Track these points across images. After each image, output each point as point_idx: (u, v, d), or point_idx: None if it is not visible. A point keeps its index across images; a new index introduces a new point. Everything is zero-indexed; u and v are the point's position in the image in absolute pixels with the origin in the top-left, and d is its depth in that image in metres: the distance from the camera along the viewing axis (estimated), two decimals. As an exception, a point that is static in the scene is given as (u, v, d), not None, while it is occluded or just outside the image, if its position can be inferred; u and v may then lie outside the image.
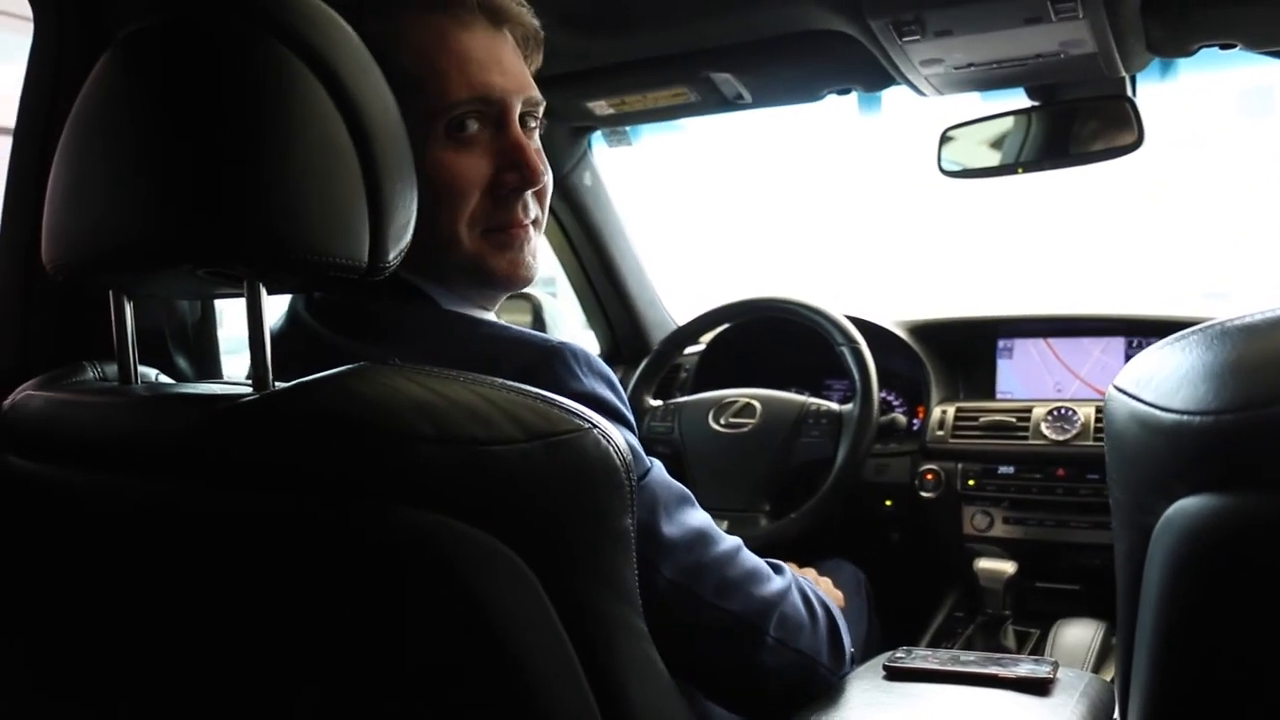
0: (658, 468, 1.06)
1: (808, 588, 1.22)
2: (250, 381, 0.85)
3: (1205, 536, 0.63)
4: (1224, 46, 1.60)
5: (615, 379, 1.07)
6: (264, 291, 0.85)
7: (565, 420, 0.82)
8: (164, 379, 1.10)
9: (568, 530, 0.82)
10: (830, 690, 1.21)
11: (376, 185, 0.85)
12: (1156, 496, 0.66)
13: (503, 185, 1.11)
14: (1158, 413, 0.66)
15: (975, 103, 1.94)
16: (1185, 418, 0.64)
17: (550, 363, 1.01)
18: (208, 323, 1.35)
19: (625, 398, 1.07)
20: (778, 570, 1.18)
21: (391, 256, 0.88)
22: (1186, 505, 0.64)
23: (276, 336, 1.09)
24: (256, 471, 0.80)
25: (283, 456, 0.79)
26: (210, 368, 1.35)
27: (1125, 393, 0.71)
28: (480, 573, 0.78)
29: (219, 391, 0.86)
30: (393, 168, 0.87)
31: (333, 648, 0.81)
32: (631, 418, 1.07)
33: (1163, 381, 0.67)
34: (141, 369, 0.99)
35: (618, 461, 0.83)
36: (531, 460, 0.79)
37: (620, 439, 0.85)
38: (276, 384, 0.84)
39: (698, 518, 1.08)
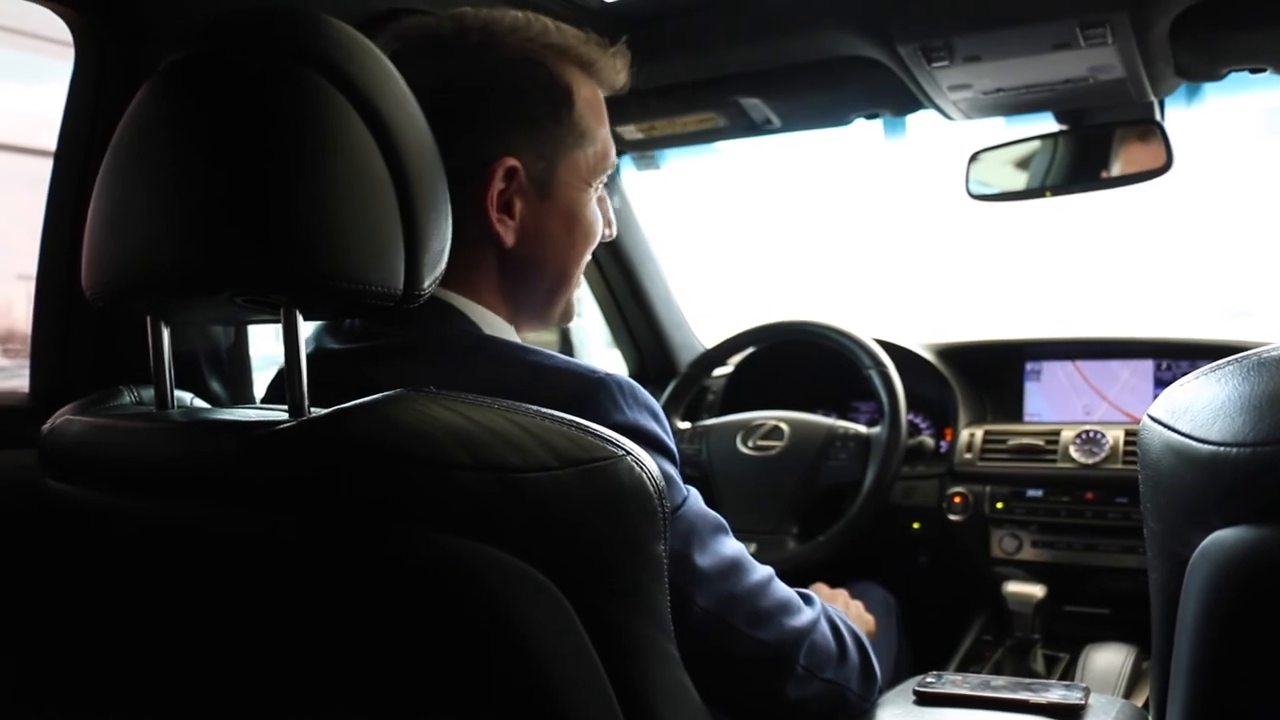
0: (694, 496, 1.07)
1: (837, 617, 1.22)
2: (285, 408, 0.86)
3: (1243, 568, 0.63)
4: (1254, 70, 1.60)
5: (659, 410, 1.08)
6: (300, 318, 0.86)
7: (599, 447, 0.82)
8: (199, 403, 1.11)
9: (601, 556, 0.82)
10: (861, 717, 1.21)
11: (412, 214, 0.86)
12: (1193, 527, 0.66)
13: (600, 237, 1.22)
14: (1194, 444, 0.66)
15: (1000, 126, 1.94)
16: (1222, 449, 0.63)
17: (595, 394, 1.02)
18: (241, 347, 1.36)
19: (669, 429, 1.08)
20: (808, 600, 1.19)
21: (426, 284, 0.88)
22: (1223, 536, 0.63)
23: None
24: (294, 497, 0.81)
25: (320, 483, 0.80)
26: (243, 392, 1.36)
27: (1161, 423, 0.71)
28: (514, 598, 0.78)
29: (256, 418, 0.86)
30: (427, 197, 0.88)
31: (367, 671, 0.81)
32: (675, 449, 1.08)
33: (1199, 412, 0.67)
34: (177, 393, 1.00)
35: (651, 489, 0.83)
36: (565, 487, 0.80)
37: (653, 466, 0.85)
38: (313, 410, 0.85)
39: (732, 547, 1.09)
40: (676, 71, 1.23)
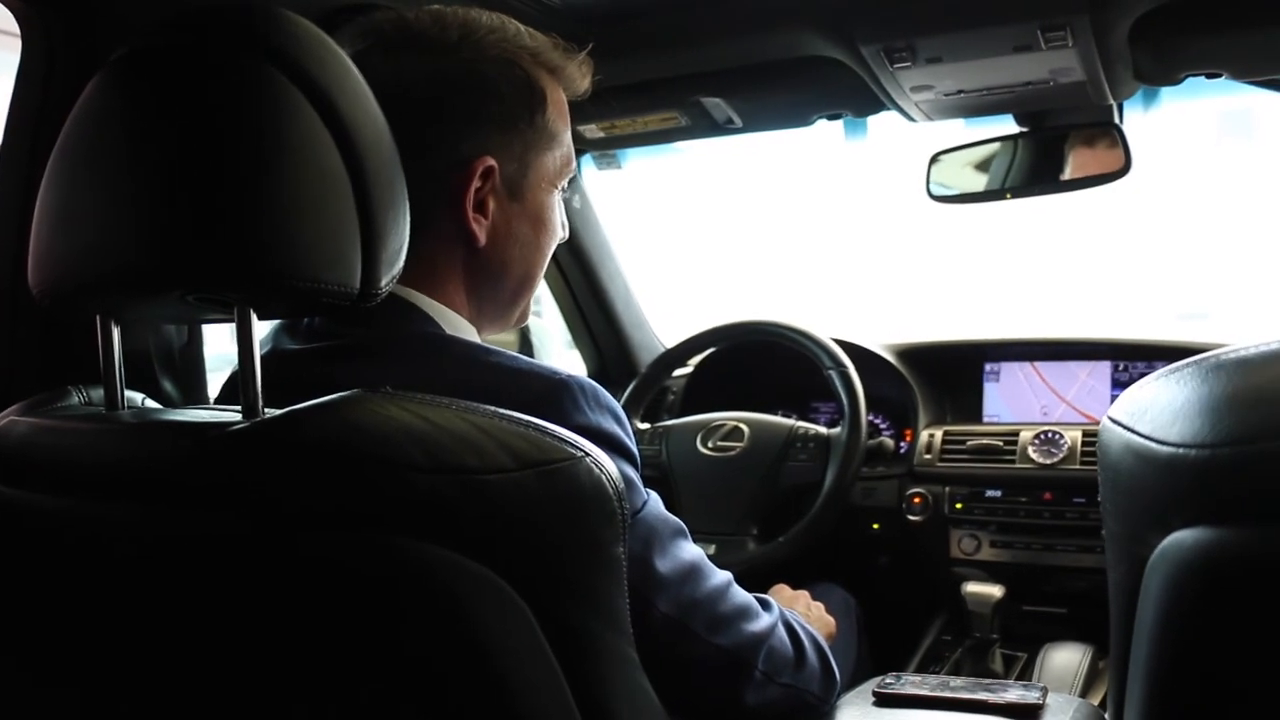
0: (654, 500, 1.07)
1: (795, 621, 1.23)
2: (239, 408, 0.85)
3: (1201, 569, 0.63)
4: (1210, 75, 1.62)
5: (621, 412, 1.08)
6: (254, 318, 0.85)
7: (558, 449, 0.82)
8: (150, 404, 1.09)
9: (560, 559, 0.81)
10: (820, 718, 1.21)
11: (369, 212, 0.85)
12: (1151, 528, 0.66)
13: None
14: (1153, 445, 0.66)
15: (961, 129, 1.95)
16: (1181, 451, 0.64)
17: (558, 396, 1.02)
18: (194, 346, 1.34)
19: (630, 432, 1.08)
20: (766, 605, 1.19)
21: (383, 283, 0.87)
22: (1182, 538, 0.64)
23: (262, 361, 1.09)
24: (247, 500, 0.80)
25: (273, 485, 0.79)
26: (197, 392, 1.34)
27: (1120, 424, 0.71)
28: (471, 601, 0.77)
29: (208, 418, 0.85)
30: (386, 195, 0.87)
31: (323, 675, 0.80)
32: (636, 452, 1.08)
33: (1159, 414, 0.67)
34: (127, 393, 0.98)
35: (610, 490, 0.83)
36: (524, 489, 0.79)
37: (613, 468, 0.84)
38: (267, 411, 0.83)
39: (691, 552, 1.09)
40: (638, 70, 1.23)
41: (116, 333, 0.94)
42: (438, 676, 0.78)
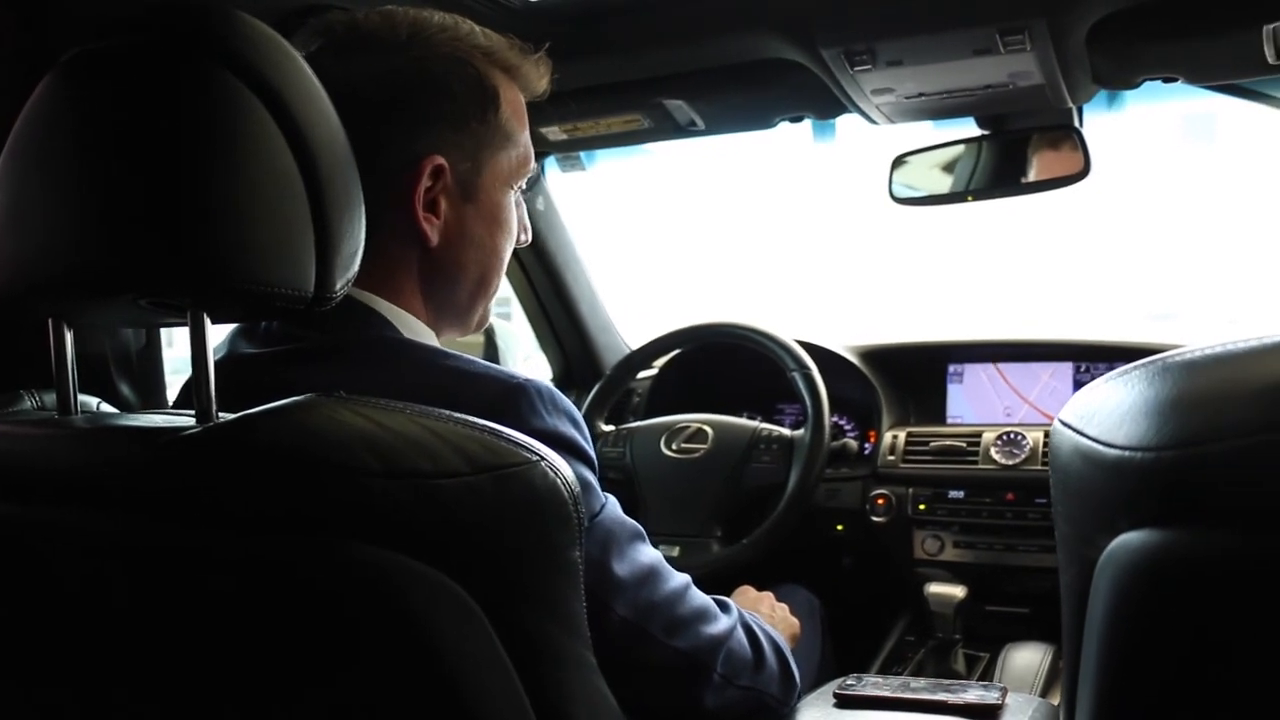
0: (612, 504, 1.07)
1: (754, 622, 1.23)
2: (192, 412, 0.84)
3: (1147, 570, 0.63)
4: (1166, 80, 1.63)
5: (579, 416, 1.08)
6: (208, 321, 0.84)
7: (512, 453, 0.81)
8: (106, 408, 1.08)
9: (515, 564, 0.81)
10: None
11: (324, 215, 0.84)
12: (1100, 530, 0.67)
13: (515, 241, 1.22)
14: (1101, 448, 0.67)
15: (928, 131, 1.95)
16: (1128, 453, 0.64)
17: (516, 400, 1.01)
18: (153, 349, 1.33)
19: (588, 435, 1.08)
20: (724, 608, 1.19)
21: (338, 286, 0.87)
22: (1129, 539, 0.64)
23: (218, 365, 1.08)
24: (200, 505, 0.79)
25: (226, 490, 0.78)
26: (155, 396, 1.33)
27: (1070, 427, 0.72)
28: (426, 607, 0.77)
29: (161, 423, 0.84)
30: (340, 197, 0.86)
31: (276, 682, 0.80)
32: (594, 456, 1.08)
33: (1106, 416, 0.68)
34: (82, 398, 0.97)
35: (566, 494, 0.83)
36: (478, 493, 0.79)
37: (568, 472, 0.84)
38: (221, 415, 0.83)
39: (649, 555, 1.09)
40: (600, 73, 1.23)
41: (69, 336, 0.93)
42: (392, 682, 0.78)
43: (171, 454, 0.80)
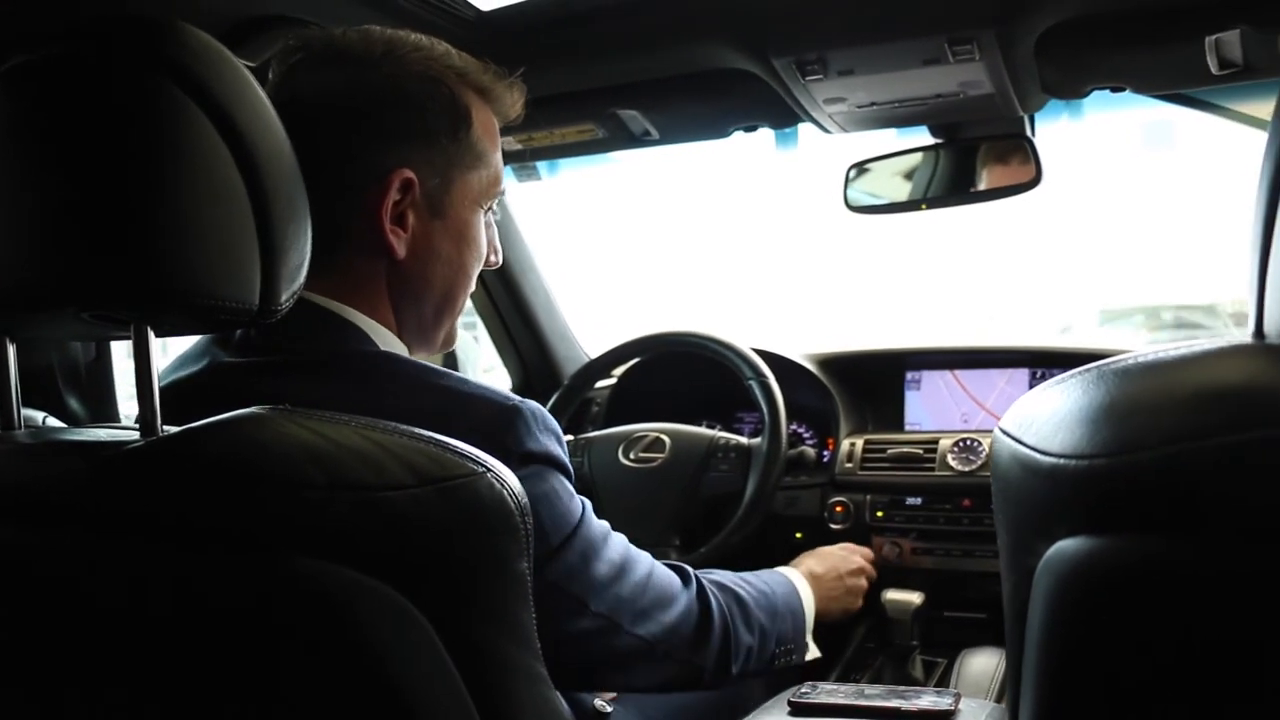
0: (588, 507, 1.14)
1: (711, 593, 1.30)
2: (137, 426, 0.84)
3: (1081, 577, 0.64)
4: (1114, 89, 1.65)
5: (560, 433, 1.13)
6: (151, 335, 0.84)
7: (458, 464, 0.82)
8: (53, 421, 1.07)
9: (462, 575, 0.81)
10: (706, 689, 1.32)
11: (269, 228, 0.84)
12: (1037, 538, 0.67)
13: (485, 262, 1.25)
14: (1037, 456, 0.67)
15: (892, 138, 1.96)
16: (1062, 461, 0.65)
17: (510, 421, 1.06)
18: (103, 362, 1.32)
19: (566, 450, 1.14)
20: (684, 580, 1.27)
21: (284, 299, 0.87)
22: (1064, 547, 0.65)
23: (195, 376, 1.08)
24: (143, 521, 0.79)
25: (169, 505, 0.78)
26: (105, 409, 1.32)
27: (1009, 435, 0.72)
28: (373, 621, 0.77)
29: (104, 438, 0.84)
30: (285, 210, 0.86)
31: (221, 698, 0.79)
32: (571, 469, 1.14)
33: (1043, 425, 0.68)
34: (28, 412, 0.97)
35: (512, 505, 0.83)
36: (424, 505, 0.79)
37: (515, 484, 0.84)
38: (165, 429, 0.82)
39: (619, 550, 1.17)
40: (554, 83, 1.23)
41: (11, 350, 0.92)
42: (339, 696, 0.78)
43: (113, 468, 0.79)
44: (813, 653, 1.56)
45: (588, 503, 1.15)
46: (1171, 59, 1.52)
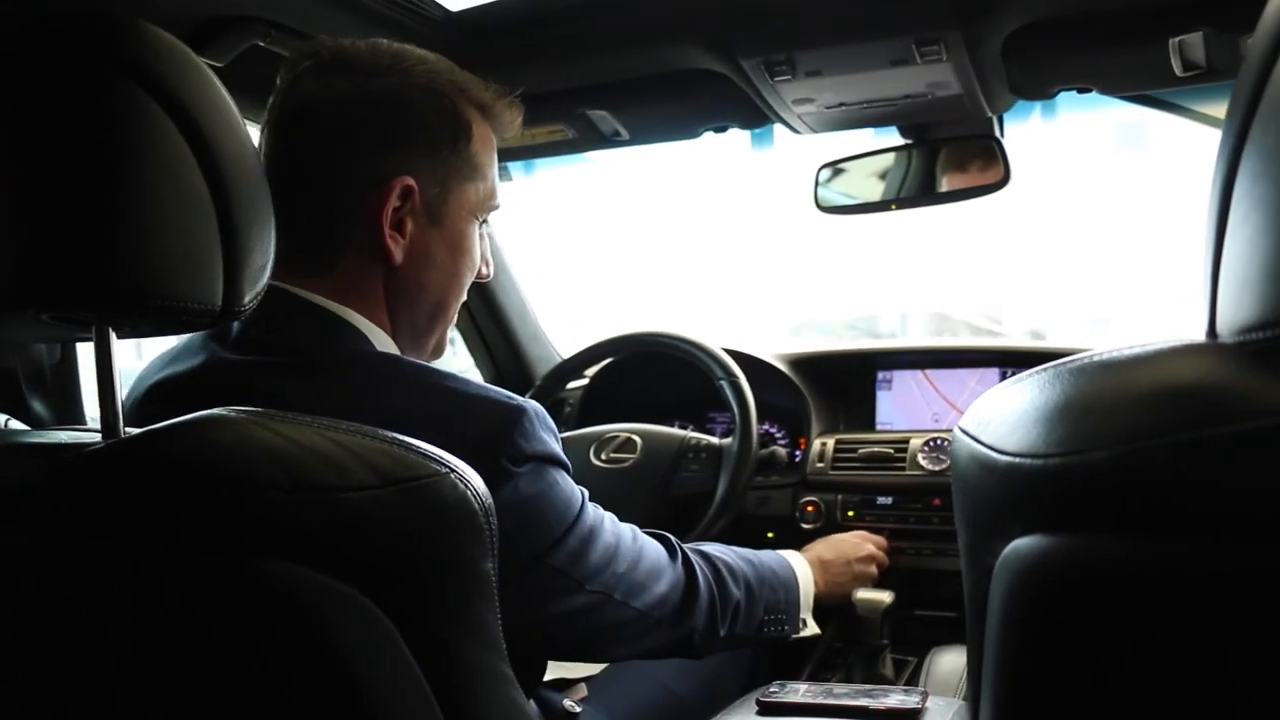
0: (586, 496, 1.19)
1: (696, 564, 1.36)
2: (100, 429, 0.83)
3: (1036, 576, 0.64)
4: (1081, 90, 1.66)
5: (557, 430, 1.16)
6: (113, 336, 0.84)
7: (422, 465, 0.81)
8: (15, 424, 1.06)
9: (426, 576, 0.81)
10: (702, 653, 1.38)
11: (232, 229, 0.84)
12: (995, 536, 0.68)
13: (478, 274, 1.28)
14: (994, 455, 0.68)
15: (869, 138, 1.97)
16: (1018, 460, 0.65)
17: (516, 421, 1.08)
18: (68, 364, 1.31)
19: None
20: (670, 552, 1.33)
21: (247, 300, 0.86)
22: (1020, 546, 0.65)
23: (194, 371, 1.08)
24: (105, 523, 0.78)
25: (131, 507, 0.78)
26: (71, 410, 1.32)
27: (968, 434, 0.73)
28: (336, 621, 0.77)
29: (66, 439, 0.84)
30: (249, 211, 0.86)
31: (185, 701, 0.79)
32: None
33: (1000, 424, 0.69)
34: None
35: (476, 506, 0.83)
36: (387, 506, 0.79)
37: (479, 484, 0.84)
38: (127, 431, 0.82)
39: (613, 530, 1.22)
40: (522, 83, 1.23)
41: None
42: (303, 698, 0.77)
43: (74, 471, 0.79)
44: (811, 629, 1.60)
45: (585, 491, 1.19)
46: (1136, 61, 1.53)
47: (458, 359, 2.65)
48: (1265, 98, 0.56)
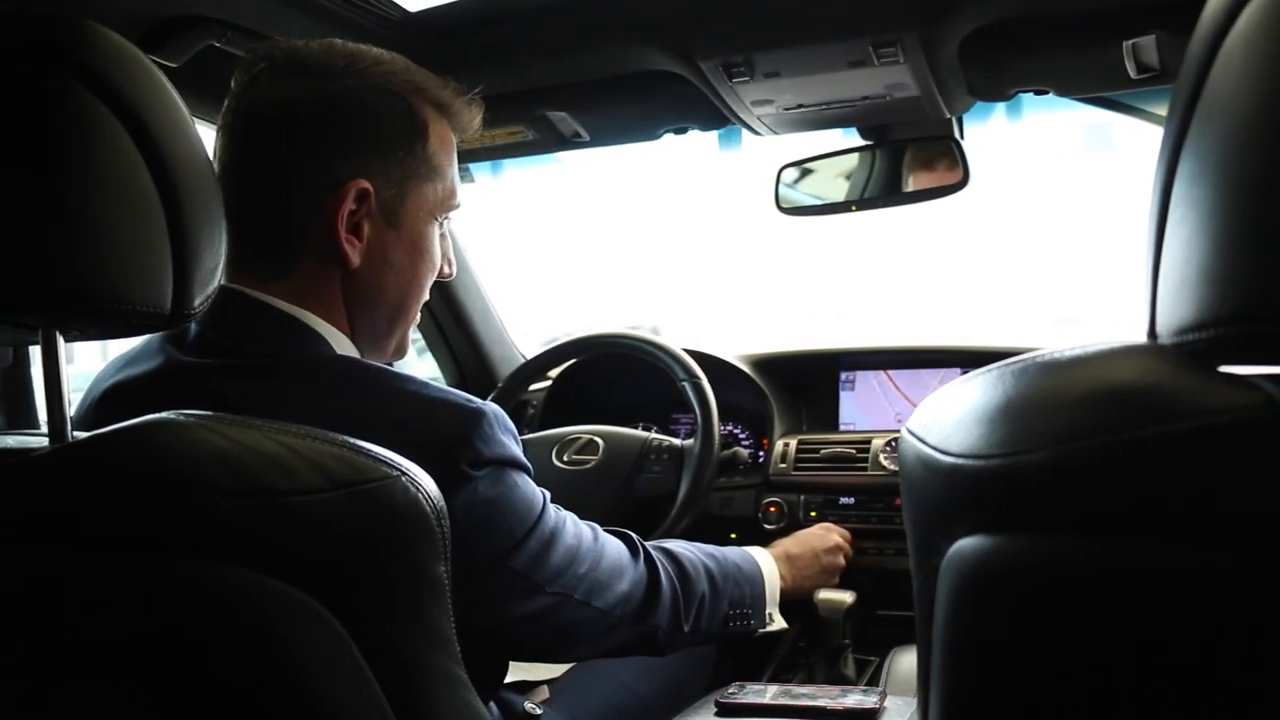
0: (547, 498, 1.19)
1: (658, 561, 1.36)
2: (46, 433, 0.82)
3: (979, 577, 0.65)
4: (1038, 92, 1.68)
5: (516, 432, 1.16)
6: (61, 340, 0.83)
7: (372, 468, 0.81)
8: None
9: (378, 580, 0.81)
10: (667, 649, 1.38)
11: (182, 232, 0.83)
12: (940, 537, 0.68)
13: (439, 273, 1.28)
14: (939, 455, 0.68)
15: (837, 138, 1.97)
16: (961, 461, 0.65)
17: (476, 423, 1.08)
18: (20, 368, 1.30)
19: None
20: (632, 550, 1.33)
21: (198, 302, 0.86)
22: (964, 546, 0.66)
23: (151, 374, 1.07)
24: (50, 529, 0.78)
25: (77, 510, 0.77)
26: (24, 416, 1.30)
27: (914, 435, 0.73)
28: (286, 626, 0.76)
29: (13, 444, 0.83)
30: (199, 213, 0.85)
31: (133, 706, 0.78)
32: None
33: (944, 425, 0.69)
34: None
35: (428, 509, 0.82)
36: (337, 510, 0.78)
37: (431, 486, 0.84)
38: (74, 435, 0.81)
39: (574, 531, 1.22)
40: (482, 84, 1.23)
41: None
42: (254, 704, 0.77)
43: (19, 476, 0.78)
44: (778, 624, 1.60)
45: (547, 493, 1.19)
46: (1091, 63, 1.54)
47: (418, 366, 2.65)
48: (1202, 100, 0.57)
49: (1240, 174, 0.53)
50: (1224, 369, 0.58)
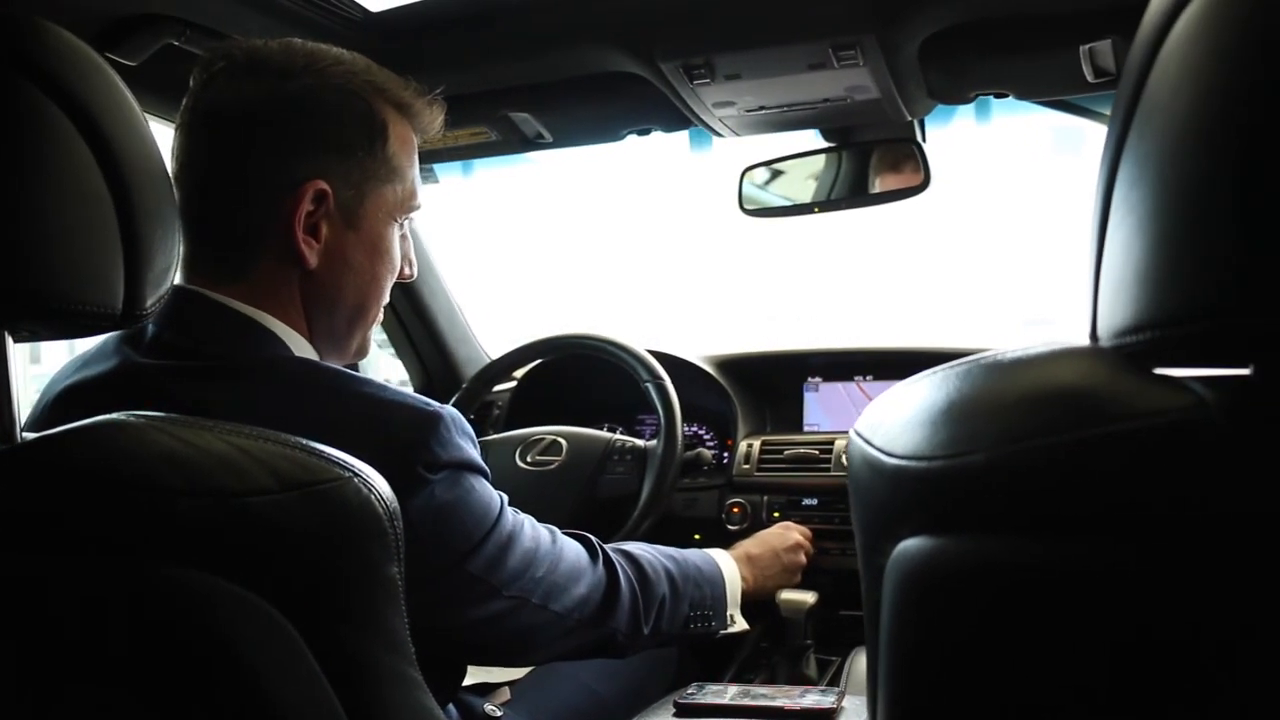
0: (505, 501, 1.19)
1: (617, 563, 1.36)
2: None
3: (923, 577, 0.65)
4: (997, 95, 1.69)
5: (474, 435, 1.16)
6: (9, 340, 0.83)
7: (324, 469, 0.81)
8: None
9: (330, 581, 0.81)
10: (627, 651, 1.38)
11: (134, 232, 0.83)
12: (885, 538, 0.69)
13: (400, 274, 1.27)
14: (883, 457, 0.69)
15: (810, 139, 1.98)
16: (904, 463, 0.66)
17: (434, 426, 1.07)
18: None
19: None
20: (591, 553, 1.33)
21: (150, 303, 0.86)
22: (907, 547, 0.66)
23: (106, 375, 1.07)
24: (2, 528, 0.77)
25: (25, 511, 0.77)
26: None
27: (861, 437, 0.74)
28: (237, 627, 0.76)
29: None
30: (152, 214, 0.85)
31: (84, 707, 0.78)
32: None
33: (890, 427, 0.70)
34: None
35: (380, 510, 0.82)
36: (287, 511, 0.78)
37: (384, 487, 0.84)
38: (24, 436, 0.81)
39: (531, 535, 1.22)
40: (444, 84, 1.23)
41: None
42: (205, 705, 0.77)
43: None
44: (739, 625, 1.59)
45: (504, 496, 1.19)
46: (1049, 67, 1.55)
47: (381, 367, 2.64)
48: (1141, 104, 0.57)
49: (1176, 178, 0.54)
50: (1160, 371, 0.59)
